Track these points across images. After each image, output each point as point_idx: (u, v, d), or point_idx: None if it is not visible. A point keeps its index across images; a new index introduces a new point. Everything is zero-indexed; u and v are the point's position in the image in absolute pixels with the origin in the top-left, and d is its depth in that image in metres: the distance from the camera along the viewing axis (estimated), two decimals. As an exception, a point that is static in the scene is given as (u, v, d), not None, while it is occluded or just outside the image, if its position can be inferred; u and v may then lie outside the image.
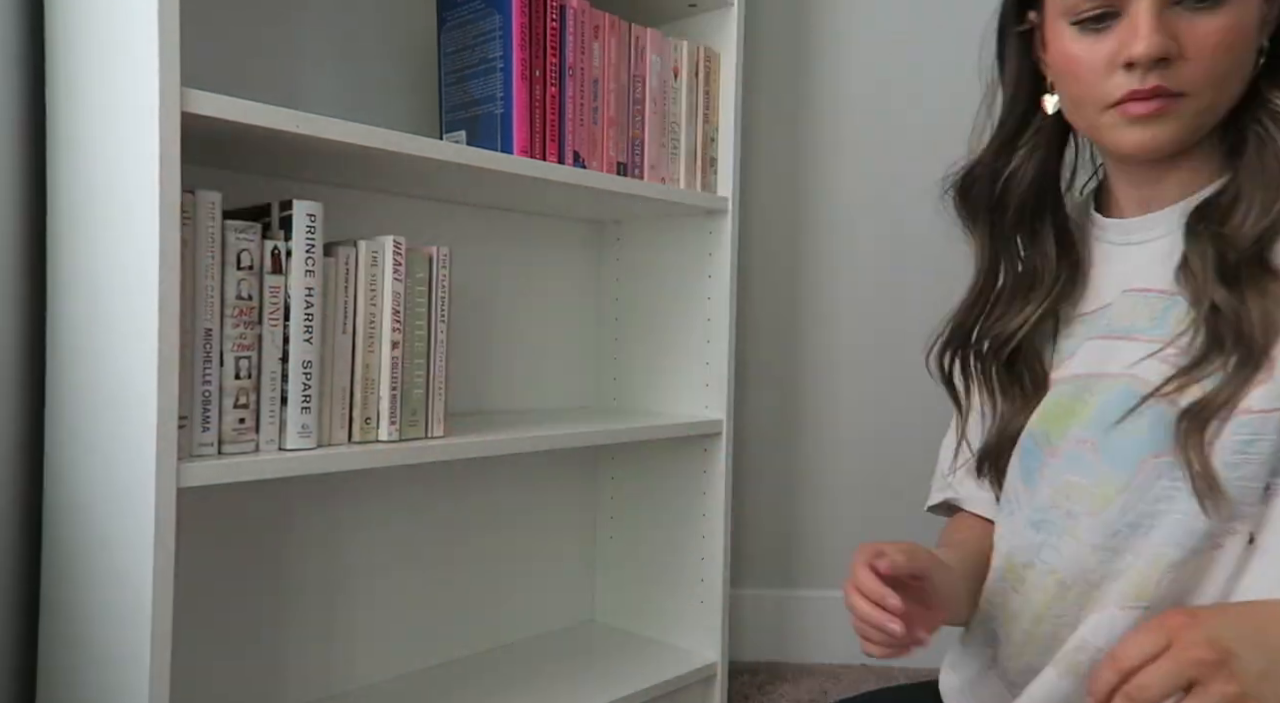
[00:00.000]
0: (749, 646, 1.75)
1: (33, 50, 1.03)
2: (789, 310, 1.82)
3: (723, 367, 1.46)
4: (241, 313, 0.94)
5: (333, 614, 1.29)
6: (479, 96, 1.22)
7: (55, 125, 1.00)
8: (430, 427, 1.10)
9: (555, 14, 1.22)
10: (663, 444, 1.53)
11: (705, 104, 1.44)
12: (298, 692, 1.25)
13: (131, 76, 0.87)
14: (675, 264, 1.53)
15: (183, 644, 1.10)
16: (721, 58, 1.46)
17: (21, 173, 1.03)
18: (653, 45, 1.36)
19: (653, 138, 1.36)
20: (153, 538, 0.85)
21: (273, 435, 0.97)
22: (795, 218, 1.80)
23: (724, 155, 1.46)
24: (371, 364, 1.04)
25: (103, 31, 0.92)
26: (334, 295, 1.01)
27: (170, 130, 0.84)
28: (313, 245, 0.97)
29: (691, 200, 1.41)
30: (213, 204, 0.91)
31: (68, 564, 0.97)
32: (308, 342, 0.97)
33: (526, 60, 1.19)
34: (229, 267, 0.93)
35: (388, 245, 1.04)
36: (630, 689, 1.33)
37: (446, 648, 1.43)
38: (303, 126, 0.94)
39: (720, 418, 1.46)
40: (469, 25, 1.22)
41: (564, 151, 1.24)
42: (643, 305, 1.58)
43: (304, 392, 0.97)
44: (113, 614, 0.90)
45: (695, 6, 1.47)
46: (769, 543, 1.83)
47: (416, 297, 1.07)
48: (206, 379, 0.91)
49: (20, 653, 1.05)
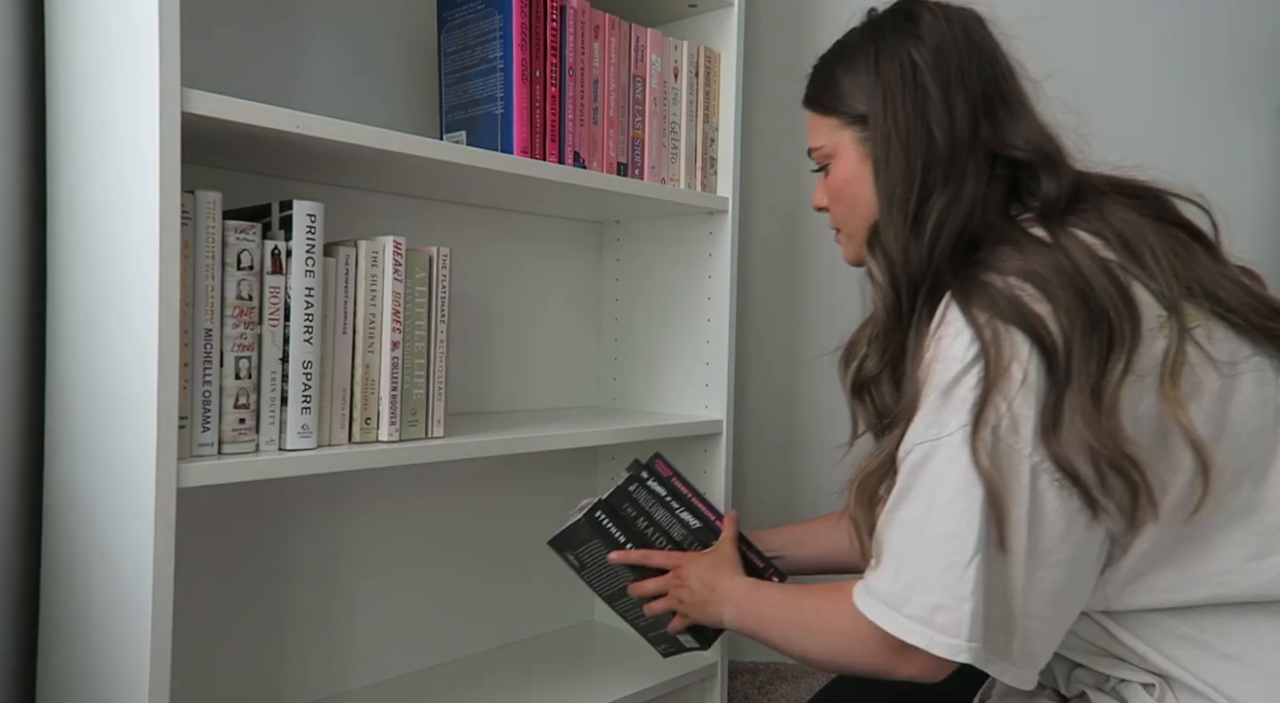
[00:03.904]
0: (749, 646, 1.75)
1: (33, 50, 1.03)
2: (789, 310, 1.82)
3: (723, 367, 1.46)
4: (241, 313, 0.94)
5: (333, 614, 1.29)
6: (479, 96, 1.22)
7: (55, 125, 1.00)
8: (430, 427, 1.10)
9: (555, 14, 1.22)
10: (663, 444, 1.53)
11: (705, 104, 1.44)
12: (298, 692, 1.25)
13: (131, 76, 0.87)
14: (675, 264, 1.53)
15: (183, 644, 1.10)
16: (721, 58, 1.46)
17: (21, 173, 1.03)
18: (653, 45, 1.36)
19: (653, 138, 1.36)
20: (153, 538, 0.85)
21: (273, 436, 0.97)
22: (795, 218, 1.80)
23: (724, 155, 1.46)
24: (371, 364, 1.04)
25: (103, 31, 0.91)
26: (334, 296, 1.01)
27: (170, 130, 0.84)
28: (313, 245, 0.97)
29: (691, 200, 1.41)
30: (213, 204, 0.91)
31: (68, 564, 0.97)
32: (308, 342, 0.97)
33: (527, 60, 1.19)
34: (229, 267, 0.93)
35: (388, 245, 1.04)
36: (630, 689, 1.33)
37: (446, 648, 1.43)
38: (303, 126, 0.94)
39: (720, 418, 1.46)
40: (469, 25, 1.22)
41: (564, 152, 1.24)
42: (643, 305, 1.58)
43: (304, 392, 0.97)
44: (113, 614, 0.90)
45: (695, 6, 1.47)
46: (769, 543, 1.83)
47: (416, 297, 1.07)
48: (206, 379, 0.91)
49: (20, 653, 1.05)
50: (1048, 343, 0.73)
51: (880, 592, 0.79)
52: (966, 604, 0.74)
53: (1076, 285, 0.74)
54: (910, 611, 0.76)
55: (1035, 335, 0.73)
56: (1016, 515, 0.73)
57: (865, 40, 0.90)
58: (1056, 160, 0.84)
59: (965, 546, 0.73)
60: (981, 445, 0.73)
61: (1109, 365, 0.72)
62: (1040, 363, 0.73)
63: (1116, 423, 0.72)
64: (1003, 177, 0.85)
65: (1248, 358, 0.79)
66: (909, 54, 0.85)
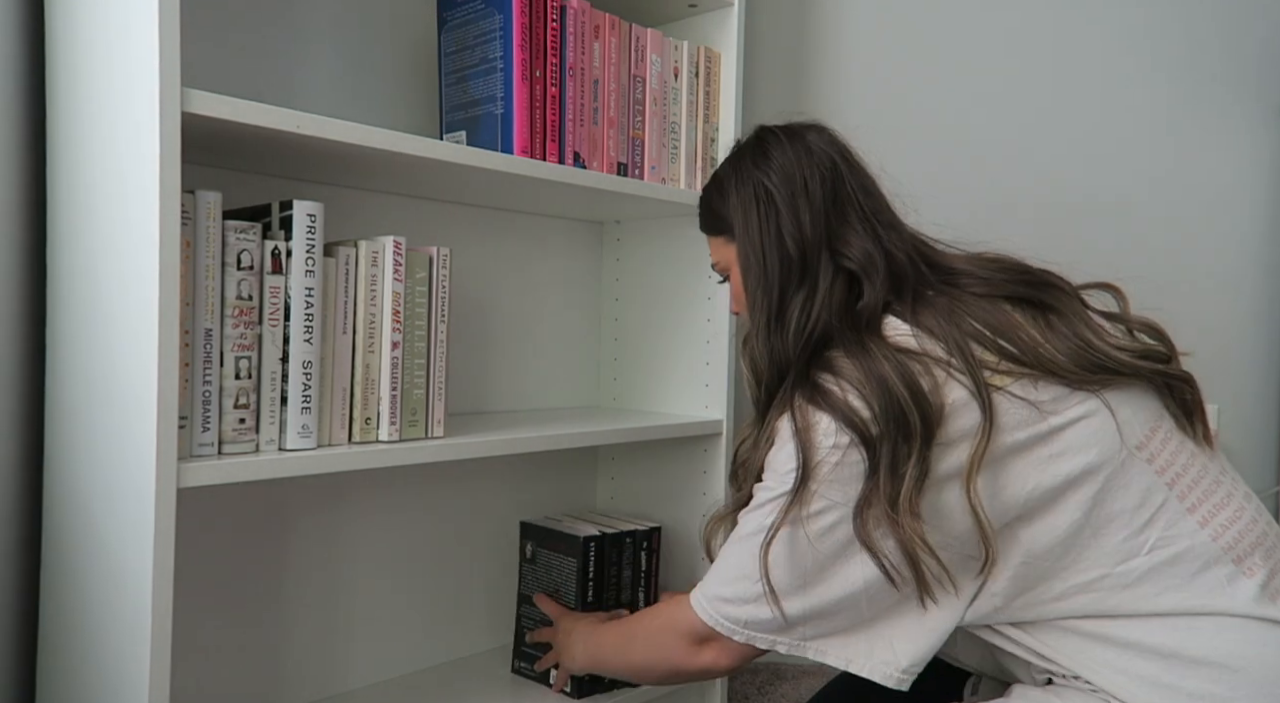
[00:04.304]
0: (749, 646, 1.75)
1: (33, 50, 1.03)
2: (789, 310, 1.82)
3: (723, 367, 1.46)
4: (241, 313, 0.94)
5: (333, 614, 1.29)
6: (479, 96, 1.22)
7: (55, 125, 1.00)
8: (430, 427, 1.10)
9: (555, 14, 1.22)
10: (663, 444, 1.53)
11: (705, 104, 1.44)
12: (298, 692, 1.25)
13: (131, 76, 0.87)
14: (675, 264, 1.53)
15: (183, 644, 1.10)
16: (721, 58, 1.46)
17: (21, 173, 1.03)
18: (653, 45, 1.36)
19: (653, 138, 1.36)
20: (153, 538, 0.85)
21: (273, 436, 0.97)
22: (795, 218, 1.80)
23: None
24: (371, 364, 1.04)
25: (103, 31, 0.91)
26: (334, 296, 1.01)
27: (170, 130, 0.84)
28: (313, 245, 0.97)
29: (692, 200, 1.40)
30: (212, 204, 0.91)
31: (68, 564, 0.97)
32: (308, 342, 0.97)
33: (527, 60, 1.19)
34: (229, 267, 0.93)
35: (388, 245, 1.04)
36: (630, 689, 1.33)
37: (447, 648, 1.43)
38: (303, 126, 0.94)
39: (720, 418, 1.46)
40: (469, 25, 1.22)
41: (564, 152, 1.24)
42: (643, 305, 1.58)
43: (304, 392, 0.97)
44: (113, 614, 0.90)
45: (695, 6, 1.47)
46: (769, 543, 1.83)
47: (416, 297, 1.07)
48: (206, 379, 0.91)
49: (20, 653, 1.05)
50: (866, 438, 0.86)
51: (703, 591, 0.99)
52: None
53: (886, 388, 0.86)
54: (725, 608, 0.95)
55: (857, 432, 0.86)
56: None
57: (729, 169, 1.06)
58: (874, 272, 0.95)
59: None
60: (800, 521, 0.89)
61: (911, 463, 0.85)
62: (860, 455, 0.86)
63: (917, 519, 0.85)
64: (844, 277, 0.96)
65: (1079, 402, 0.89)
66: (759, 179, 1.00)
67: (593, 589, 1.32)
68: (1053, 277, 0.98)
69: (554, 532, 1.36)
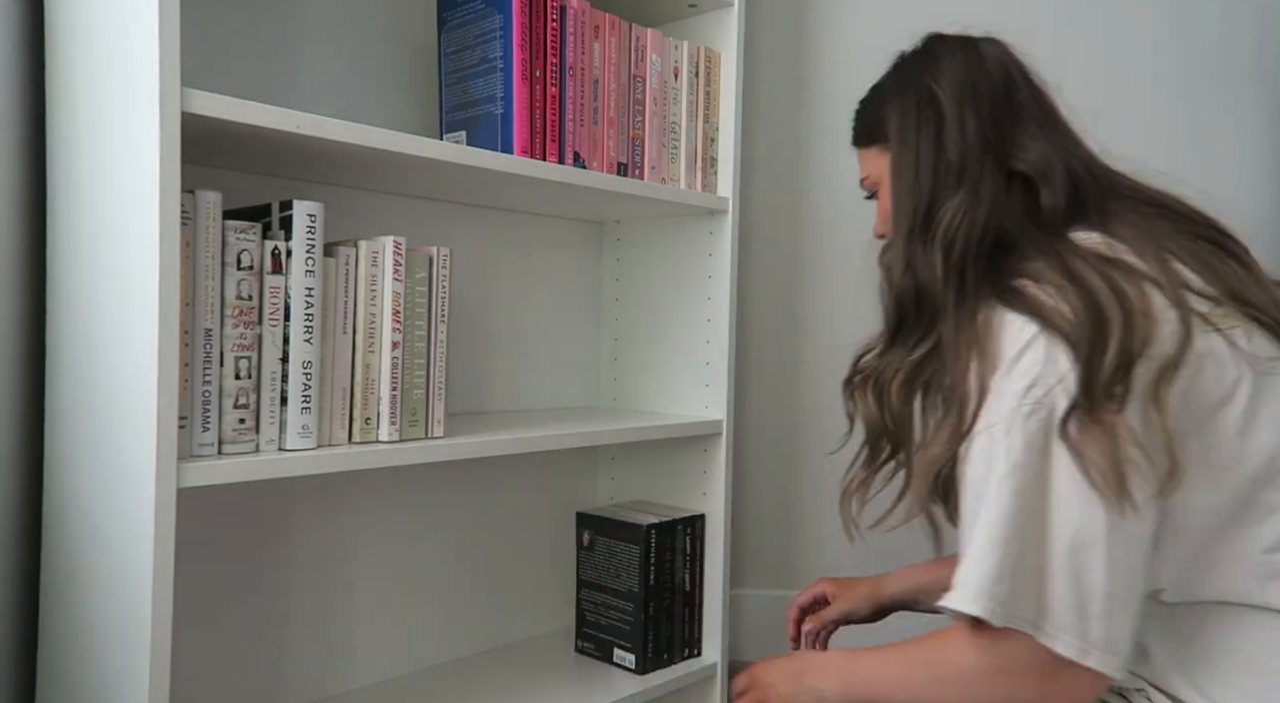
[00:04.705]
0: (749, 646, 1.75)
1: (33, 50, 1.03)
2: (789, 310, 1.82)
3: (723, 367, 1.46)
4: (241, 313, 0.94)
5: (333, 614, 1.29)
6: (479, 96, 1.22)
7: (55, 125, 1.00)
8: (430, 427, 1.10)
9: (555, 14, 1.22)
10: (663, 444, 1.53)
11: (705, 104, 1.44)
12: (298, 692, 1.25)
13: (131, 76, 0.87)
14: (675, 264, 1.53)
15: (183, 644, 1.10)
16: (721, 58, 1.46)
17: (21, 173, 1.03)
18: (653, 45, 1.36)
19: (653, 138, 1.36)
20: (153, 538, 0.85)
21: (273, 436, 0.97)
22: (795, 218, 1.80)
23: (724, 155, 1.46)
24: (371, 364, 1.04)
25: (102, 31, 0.91)
26: (334, 296, 1.01)
27: (170, 130, 0.84)
28: (313, 245, 0.97)
29: (691, 200, 1.41)
30: (213, 204, 0.91)
31: (68, 564, 0.97)
32: (308, 342, 0.97)
33: (527, 60, 1.19)
34: (229, 267, 0.93)
35: (388, 245, 1.04)
36: (631, 689, 1.33)
37: (446, 648, 1.43)
38: (303, 126, 0.94)
39: (720, 418, 1.46)
40: (469, 25, 1.22)
41: (564, 152, 1.24)
42: (643, 305, 1.58)
43: (304, 392, 0.97)
44: (113, 614, 0.90)
45: (695, 6, 1.47)
46: (769, 543, 1.83)
47: (416, 297, 1.07)
48: (206, 379, 0.91)
49: (20, 653, 1.05)
50: (1075, 343, 0.76)
51: None
52: None
53: (1089, 291, 0.77)
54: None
55: (1066, 339, 0.76)
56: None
57: (891, 76, 0.99)
58: (1053, 175, 0.87)
59: None
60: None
61: (1131, 373, 0.75)
62: (1072, 363, 0.76)
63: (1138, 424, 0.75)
64: (1020, 185, 0.88)
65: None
66: (924, 82, 0.92)
67: (654, 574, 1.40)
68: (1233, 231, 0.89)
69: (614, 521, 1.43)
